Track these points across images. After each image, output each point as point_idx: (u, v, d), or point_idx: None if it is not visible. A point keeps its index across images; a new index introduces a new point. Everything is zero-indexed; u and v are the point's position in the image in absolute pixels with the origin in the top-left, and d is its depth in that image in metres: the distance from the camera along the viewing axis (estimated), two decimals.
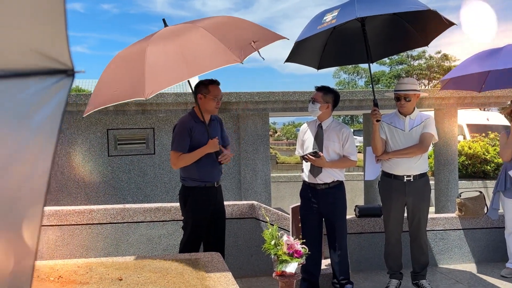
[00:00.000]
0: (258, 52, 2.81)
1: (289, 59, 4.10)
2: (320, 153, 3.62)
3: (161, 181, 6.72)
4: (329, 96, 3.72)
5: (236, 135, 6.86)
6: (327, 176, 3.68)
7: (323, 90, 3.73)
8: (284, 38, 3.07)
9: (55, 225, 4.17)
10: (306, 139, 3.83)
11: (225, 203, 3.98)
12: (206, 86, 3.37)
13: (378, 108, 3.77)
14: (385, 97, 6.58)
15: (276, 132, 47.97)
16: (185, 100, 6.39)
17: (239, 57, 2.70)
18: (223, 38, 2.80)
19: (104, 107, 2.95)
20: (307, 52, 4.13)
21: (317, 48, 4.19)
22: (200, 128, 3.40)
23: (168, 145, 6.70)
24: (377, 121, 3.78)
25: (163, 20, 3.17)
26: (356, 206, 4.78)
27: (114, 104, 2.91)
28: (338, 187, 3.73)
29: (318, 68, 4.31)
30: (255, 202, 4.48)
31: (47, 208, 4.21)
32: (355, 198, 10.33)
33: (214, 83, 3.39)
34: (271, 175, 11.14)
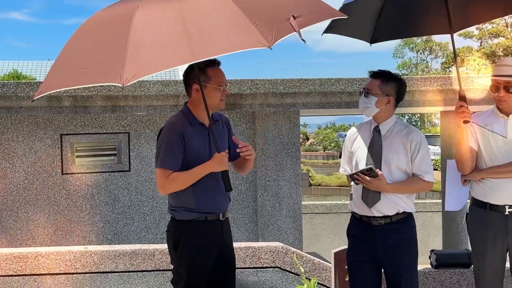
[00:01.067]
0: (299, 33, 2.82)
1: (329, 30, 4.11)
2: (377, 170, 3.60)
3: (140, 212, 6.75)
4: (390, 85, 3.70)
5: (250, 144, 6.85)
6: (388, 206, 3.66)
7: (382, 76, 3.71)
8: (344, 16, 3.10)
9: None
10: (356, 150, 3.81)
11: (235, 244, 3.96)
12: (204, 71, 3.38)
13: (467, 103, 3.73)
14: (475, 87, 6.51)
15: (307, 139, 48.02)
16: (175, 91, 6.43)
17: (267, 39, 2.70)
18: (249, 7, 2.82)
19: (63, 89, 3.02)
20: (356, 19, 4.14)
21: (370, 14, 4.20)
22: (199, 134, 3.41)
23: (150, 157, 6.74)
24: (465, 122, 3.73)
25: None
26: (432, 251, 4.74)
27: (78, 87, 2.99)
28: (404, 223, 3.70)
29: (372, 41, 4.32)
30: (279, 244, 4.47)
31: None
32: (429, 239, 10.23)
33: (214, 64, 3.41)
34: (303, 203, 11.15)
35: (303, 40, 2.83)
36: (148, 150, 6.75)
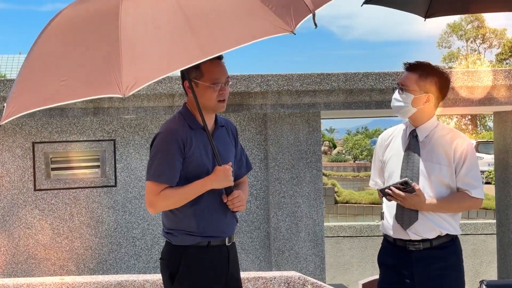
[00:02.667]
0: (313, 13, 2.84)
1: (370, 0, 4.15)
2: (414, 184, 3.60)
3: (128, 236, 6.77)
4: (430, 80, 3.70)
5: (261, 152, 6.87)
6: (428, 228, 3.66)
7: (420, 69, 3.72)
8: None
9: None
10: (389, 159, 3.82)
11: (242, 274, 3.94)
12: (197, 65, 3.39)
13: None
14: None
15: (334, 147, 47.97)
16: (170, 89, 6.47)
17: (288, 23, 2.73)
18: None
19: (37, 109, 2.99)
20: None
21: None
22: (201, 140, 3.43)
23: (140, 169, 6.76)
24: None
25: None
26: (481, 282, 4.70)
27: (61, 104, 2.95)
28: (448, 248, 3.70)
29: (427, 16, 4.32)
30: (295, 274, 4.48)
31: None
32: (481, 267, 10.17)
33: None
34: (326, 224, 11.11)
35: (315, 24, 2.84)
36: (137, 161, 6.78)
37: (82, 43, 2.97)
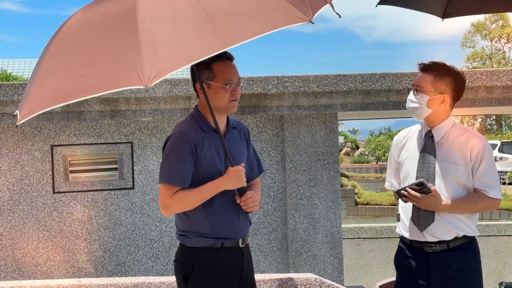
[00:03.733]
0: (331, 3, 2.85)
1: (385, 1, 4.14)
2: (430, 185, 3.60)
3: (146, 238, 6.79)
4: (445, 81, 3.70)
5: (278, 154, 6.87)
6: (445, 229, 3.66)
7: (434, 70, 3.71)
8: None
9: None
10: (405, 160, 3.83)
11: (258, 276, 3.93)
12: (209, 66, 3.41)
13: None
14: None
15: (357, 148, 47.77)
16: (186, 92, 6.48)
17: (305, 12, 2.75)
18: None
19: (59, 105, 3.01)
20: None
21: None
22: (213, 141, 3.44)
23: (158, 172, 6.70)
24: None
25: None
26: (500, 284, 4.67)
27: (81, 99, 2.95)
28: (465, 250, 3.69)
29: (444, 16, 4.32)
30: (311, 276, 4.47)
31: None
32: (504, 269, 10.08)
33: (220, 58, 3.42)
34: (346, 225, 11.05)
35: (338, 14, 2.85)
36: (155, 163, 6.79)
37: (99, 39, 2.99)
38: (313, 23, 2.75)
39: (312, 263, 6.69)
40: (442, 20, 4.31)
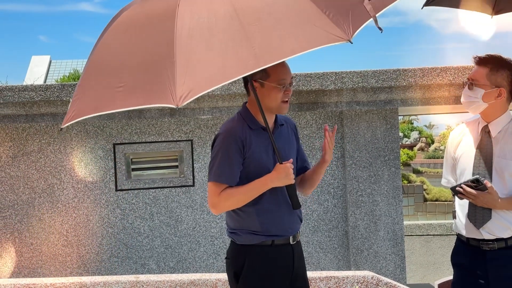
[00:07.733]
0: (375, 19, 2.82)
1: (431, 2, 4.11)
2: (486, 181, 3.55)
3: (207, 234, 6.87)
4: (501, 74, 3.64)
5: (338, 150, 6.85)
6: (502, 226, 3.61)
7: (490, 63, 3.66)
8: None
9: None
10: (461, 156, 3.79)
11: (312, 274, 3.93)
12: None
13: None
14: None
15: (432, 143, 46.71)
16: (244, 90, 6.49)
17: (345, 30, 2.74)
18: None
19: (96, 115, 3.07)
20: None
21: None
22: (262, 140, 3.45)
23: None
24: None
25: None
26: None
27: (112, 112, 3.02)
28: None
29: (494, 12, 4.25)
30: (368, 273, 4.44)
31: (15, 281, 4.49)
32: None
33: None
34: (415, 222, 10.91)
35: (380, 29, 2.82)
36: None
37: (139, 48, 3.02)
38: (351, 43, 2.73)
39: (374, 261, 6.66)
40: (492, 17, 4.24)
